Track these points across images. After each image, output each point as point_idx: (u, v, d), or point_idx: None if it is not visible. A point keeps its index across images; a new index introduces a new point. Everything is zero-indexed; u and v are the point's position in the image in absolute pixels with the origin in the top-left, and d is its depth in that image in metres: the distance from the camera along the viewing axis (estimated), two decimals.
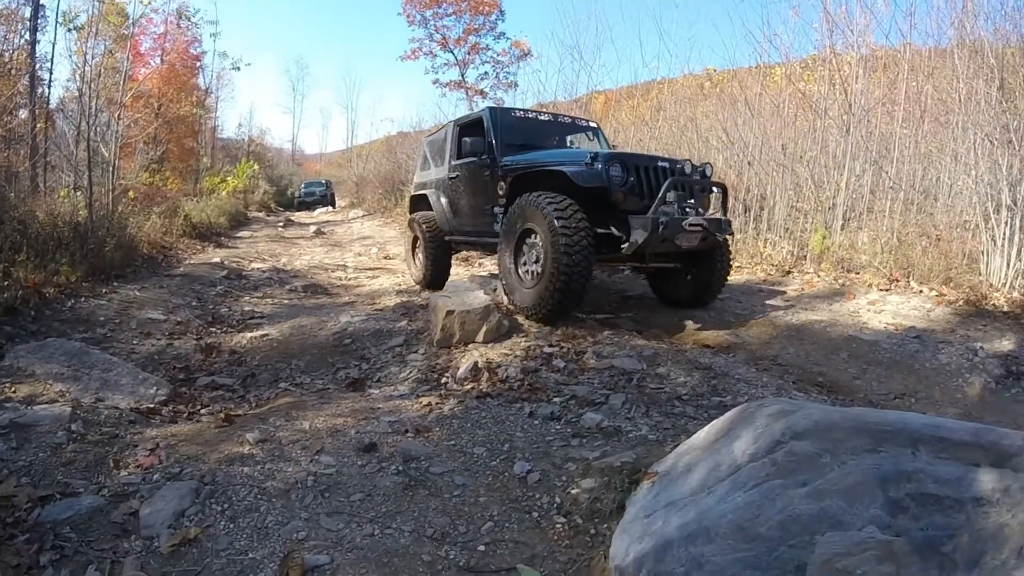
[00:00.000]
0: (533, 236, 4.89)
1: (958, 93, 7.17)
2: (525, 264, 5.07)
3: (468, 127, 6.76)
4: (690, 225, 4.82)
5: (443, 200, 7.25)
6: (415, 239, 7.86)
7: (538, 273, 4.78)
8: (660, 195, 4.82)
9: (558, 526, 2.27)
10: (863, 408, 1.97)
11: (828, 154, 8.51)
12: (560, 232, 4.44)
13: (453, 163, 6.98)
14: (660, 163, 5.27)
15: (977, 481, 1.62)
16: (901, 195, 7.65)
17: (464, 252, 8.32)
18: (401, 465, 2.64)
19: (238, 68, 15.91)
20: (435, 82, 21.28)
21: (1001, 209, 6.13)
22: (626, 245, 4.87)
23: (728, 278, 5.94)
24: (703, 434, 2.24)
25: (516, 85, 21.26)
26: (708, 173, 5.55)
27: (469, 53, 20.50)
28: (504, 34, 20.69)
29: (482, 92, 20.27)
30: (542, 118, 7.17)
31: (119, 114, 9.42)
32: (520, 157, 5.89)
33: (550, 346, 4.26)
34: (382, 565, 1.99)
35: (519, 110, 7.22)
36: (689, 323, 5.64)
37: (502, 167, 5.91)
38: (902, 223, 7.42)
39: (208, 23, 28.42)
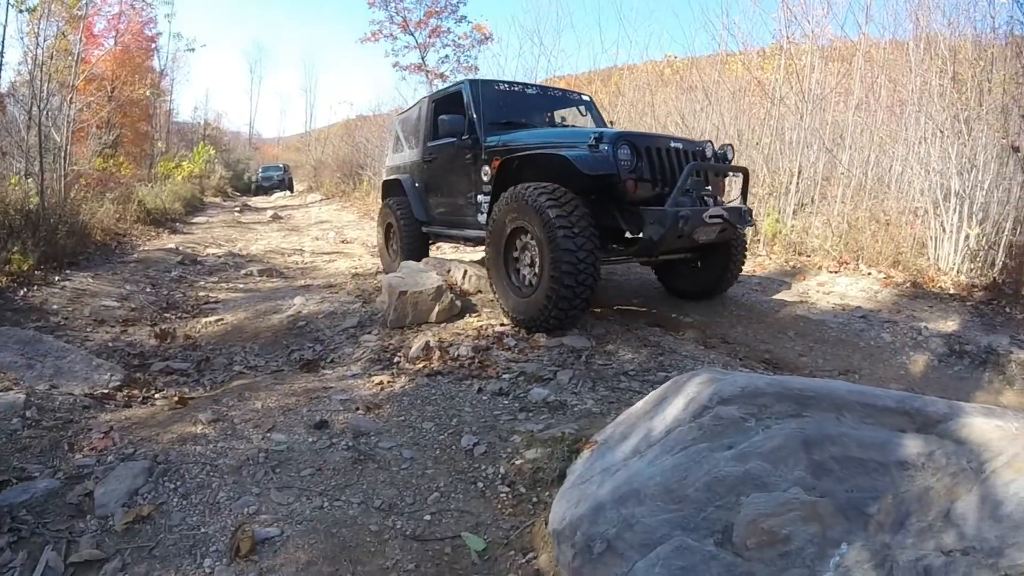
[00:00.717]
0: (525, 235, 4.33)
1: (912, 84, 7.40)
2: (518, 268, 4.47)
3: (445, 102, 6.07)
4: (710, 217, 4.26)
5: (418, 186, 6.68)
6: (389, 228, 7.21)
7: (534, 279, 4.24)
8: (679, 184, 4.20)
9: (502, 495, 2.37)
10: (789, 375, 2.09)
11: (783, 141, 8.73)
12: (560, 233, 3.88)
13: (428, 145, 6.35)
14: (674, 144, 4.60)
15: (902, 446, 1.73)
16: (853, 181, 7.89)
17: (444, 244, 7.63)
18: (351, 441, 2.72)
19: (192, 49, 15.82)
20: (395, 65, 21.00)
21: (951, 197, 6.36)
22: (637, 242, 4.33)
23: (743, 269, 5.54)
24: (640, 404, 2.35)
25: (477, 69, 21.19)
26: (729, 157, 5.05)
27: (430, 36, 20.30)
28: (465, 17, 20.52)
29: (442, 75, 20.13)
30: (529, 91, 6.36)
31: (71, 98, 9.24)
32: (508, 137, 5.19)
33: (501, 325, 4.36)
34: (330, 536, 2.07)
35: (503, 82, 6.19)
36: (639, 302, 5.75)
37: (486, 148, 5.25)
38: (854, 208, 7.65)
39: (164, 3, 27.69)
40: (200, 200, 20.03)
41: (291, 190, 31.52)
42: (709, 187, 4.67)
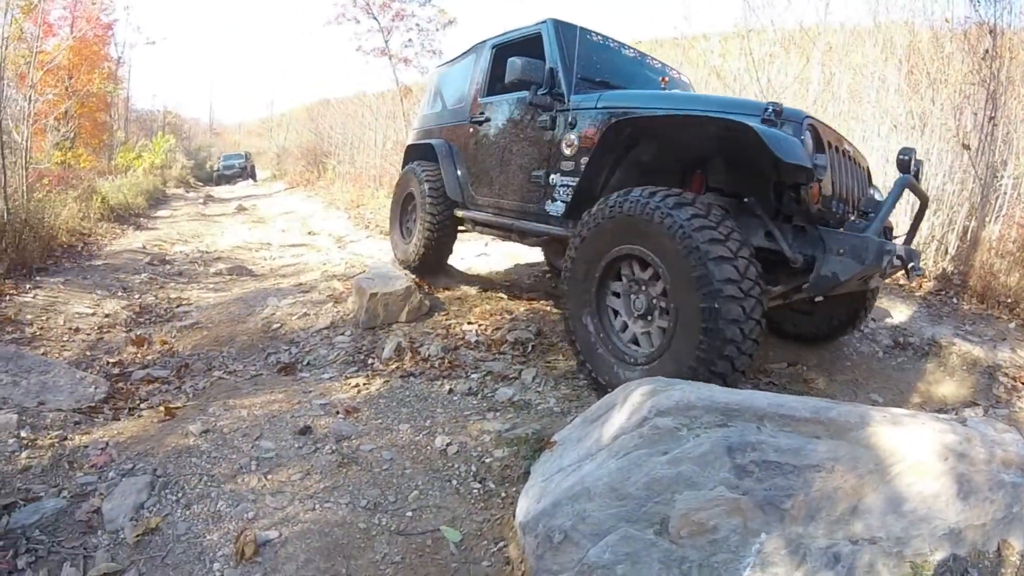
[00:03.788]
0: (634, 266, 3.23)
1: (869, 77, 7.67)
2: (616, 314, 3.36)
3: (514, 51, 4.54)
4: (896, 258, 3.19)
5: (457, 155, 5.33)
6: (408, 200, 6.09)
7: (651, 338, 3.18)
8: (889, 204, 3.23)
9: (474, 491, 2.63)
10: (719, 388, 2.37)
11: None
12: (717, 272, 2.73)
13: (481, 101, 5.04)
14: (847, 146, 3.56)
15: (815, 451, 2.03)
16: None
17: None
18: (334, 445, 2.95)
19: (153, 43, 15.41)
20: (358, 49, 20.83)
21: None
22: (797, 275, 3.21)
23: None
24: (594, 408, 2.63)
25: (441, 53, 21.13)
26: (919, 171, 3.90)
27: (393, 19, 20.12)
28: (430, 1, 20.38)
29: (406, 60, 20.02)
30: (626, 52, 4.85)
31: (30, 95, 9.14)
32: (615, 95, 3.91)
33: (469, 324, 4.60)
34: (324, 535, 2.31)
35: (595, 33, 4.61)
36: None
37: (576, 110, 3.93)
38: None
39: None
40: (163, 192, 19.75)
41: (254, 178, 31.10)
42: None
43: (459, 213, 5.32)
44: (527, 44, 4.56)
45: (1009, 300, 5.58)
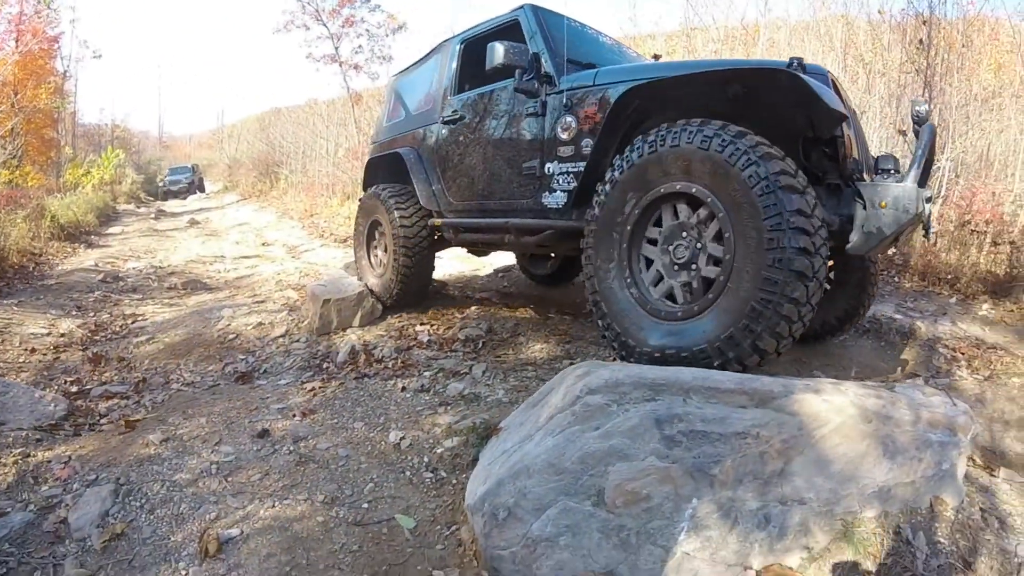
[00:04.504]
0: (678, 207, 2.93)
1: None
2: (675, 264, 2.93)
3: (486, 41, 4.09)
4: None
5: (429, 160, 4.96)
6: (375, 227, 5.61)
7: (707, 287, 2.80)
8: (922, 151, 2.98)
9: (427, 480, 2.78)
10: (647, 366, 2.55)
11: None
12: (786, 202, 2.45)
13: (452, 100, 4.73)
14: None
15: (740, 419, 2.17)
16: None
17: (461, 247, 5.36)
18: (292, 445, 3.08)
19: (99, 56, 15.20)
20: (308, 56, 20.72)
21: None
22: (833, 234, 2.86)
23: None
24: (536, 394, 2.79)
25: (392, 59, 21.14)
26: None
27: (343, 25, 20.06)
28: (380, 6, 20.35)
29: (356, 66, 20.00)
30: (604, 39, 4.67)
31: None
32: (615, 69, 3.67)
33: (421, 324, 4.74)
34: (283, 530, 2.44)
35: (573, 20, 4.38)
36: (548, 295, 6.14)
37: (571, 91, 3.66)
38: None
39: (67, 8, 26.38)
40: (113, 209, 19.52)
41: (202, 190, 30.56)
42: None
43: (436, 222, 4.88)
44: (502, 35, 4.23)
45: (949, 276, 5.86)
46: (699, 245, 2.83)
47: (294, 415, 3.44)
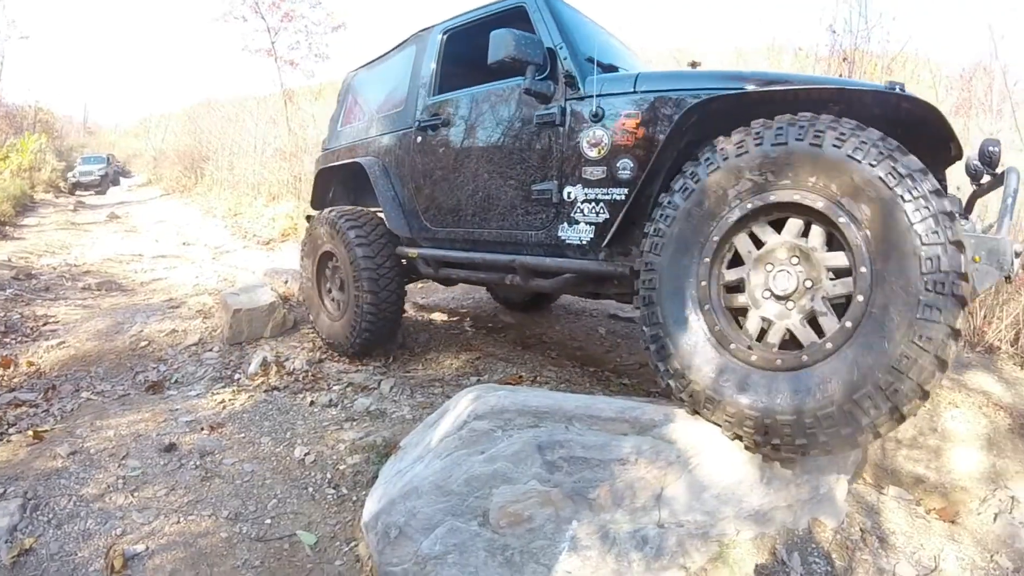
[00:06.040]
0: (788, 224, 2.25)
1: None
2: (772, 294, 2.26)
3: (475, 32, 3.73)
4: None
5: (395, 175, 4.22)
6: (327, 260, 4.71)
7: (817, 328, 2.17)
8: (1010, 200, 2.38)
9: (329, 497, 2.96)
10: (534, 394, 2.74)
11: None
12: (932, 210, 1.89)
13: (432, 101, 3.97)
14: None
15: (619, 446, 2.34)
16: None
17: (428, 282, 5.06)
18: (198, 460, 3.20)
19: (27, 37, 14.49)
20: (244, 49, 20.20)
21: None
22: None
23: None
24: (434, 415, 2.98)
25: (328, 58, 20.87)
26: None
27: (282, 20, 19.65)
28: (320, 3, 20.02)
29: (292, 62, 19.66)
30: (613, 40, 4.09)
31: None
32: (655, 74, 2.98)
33: None
34: (188, 546, 2.57)
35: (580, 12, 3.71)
36: (465, 306, 6.31)
37: (599, 96, 2.96)
38: None
39: None
40: (31, 198, 18.67)
41: (117, 184, 28.65)
42: None
43: (411, 253, 4.11)
44: (497, 25, 3.28)
45: None
46: (808, 279, 2.23)
47: (202, 429, 3.55)
